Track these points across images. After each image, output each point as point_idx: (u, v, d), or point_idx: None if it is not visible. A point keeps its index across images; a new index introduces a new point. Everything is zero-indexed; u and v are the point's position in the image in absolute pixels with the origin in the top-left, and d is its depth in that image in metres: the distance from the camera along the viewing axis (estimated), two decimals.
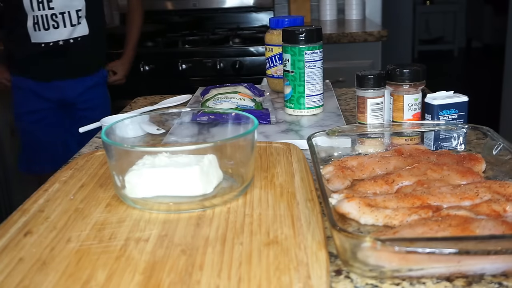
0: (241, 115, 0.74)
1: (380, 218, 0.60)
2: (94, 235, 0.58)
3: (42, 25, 1.70)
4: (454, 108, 0.83)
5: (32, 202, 0.67)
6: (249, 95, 1.09)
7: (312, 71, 1.00)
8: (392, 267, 0.49)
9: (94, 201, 0.66)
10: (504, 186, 0.64)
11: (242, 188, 0.67)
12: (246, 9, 2.68)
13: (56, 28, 1.72)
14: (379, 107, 0.87)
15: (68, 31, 1.74)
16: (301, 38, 0.98)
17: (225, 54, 2.22)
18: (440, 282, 0.50)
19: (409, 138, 0.85)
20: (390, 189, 0.68)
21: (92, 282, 0.49)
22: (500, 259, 0.49)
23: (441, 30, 6.91)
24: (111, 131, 0.70)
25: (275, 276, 0.48)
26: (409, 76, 0.83)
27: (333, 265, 0.54)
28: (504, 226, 0.53)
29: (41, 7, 1.69)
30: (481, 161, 0.74)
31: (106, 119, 1.02)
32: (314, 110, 1.03)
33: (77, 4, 1.73)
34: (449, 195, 0.62)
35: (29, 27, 1.70)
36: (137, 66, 2.21)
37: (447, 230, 0.52)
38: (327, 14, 2.71)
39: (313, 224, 0.58)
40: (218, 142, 0.67)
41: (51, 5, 1.69)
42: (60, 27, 1.72)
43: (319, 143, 0.80)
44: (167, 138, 0.90)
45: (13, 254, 0.54)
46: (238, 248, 0.53)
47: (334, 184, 0.71)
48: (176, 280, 0.49)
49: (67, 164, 0.81)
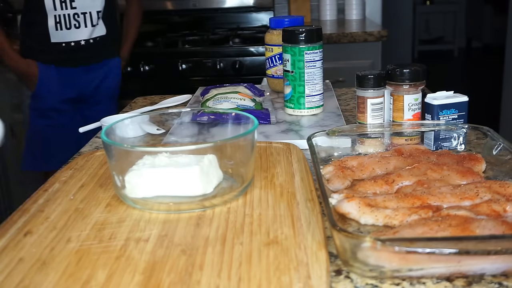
0: (241, 115, 0.74)
1: (380, 218, 0.60)
2: (94, 235, 0.58)
3: (64, 24, 1.72)
4: (454, 108, 0.83)
5: (32, 202, 0.67)
6: (249, 95, 1.09)
7: (312, 71, 1.00)
8: (392, 267, 0.49)
9: (94, 201, 0.66)
10: (504, 186, 0.64)
11: (242, 188, 0.67)
12: (246, 9, 2.68)
13: (78, 27, 1.74)
14: (379, 107, 0.87)
15: (89, 31, 1.76)
16: (301, 38, 0.98)
17: (225, 54, 2.22)
18: (440, 282, 0.50)
19: (409, 138, 0.85)
20: (390, 189, 0.68)
21: (92, 282, 0.49)
22: (500, 259, 0.49)
23: (441, 30, 6.91)
24: (111, 131, 0.70)
25: (275, 276, 0.48)
26: (409, 76, 0.83)
27: (333, 265, 0.54)
28: (504, 226, 0.53)
29: (64, 6, 1.70)
30: (481, 161, 0.74)
31: (106, 119, 1.02)
32: (314, 110, 1.03)
33: (98, 5, 1.76)
34: (449, 195, 0.62)
35: (50, 27, 1.71)
36: (137, 66, 2.21)
37: (447, 230, 0.52)
38: (327, 14, 2.71)
39: (313, 224, 0.58)
40: (218, 142, 0.67)
41: (74, 5, 1.71)
42: (81, 26, 1.74)
43: (319, 143, 0.80)
44: (167, 138, 0.90)
45: (13, 254, 0.54)
46: (238, 248, 0.53)
47: (334, 184, 0.71)
48: (176, 280, 0.49)
49: (67, 164, 0.81)
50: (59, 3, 1.69)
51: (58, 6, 1.69)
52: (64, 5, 1.70)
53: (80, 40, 1.76)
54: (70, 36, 1.75)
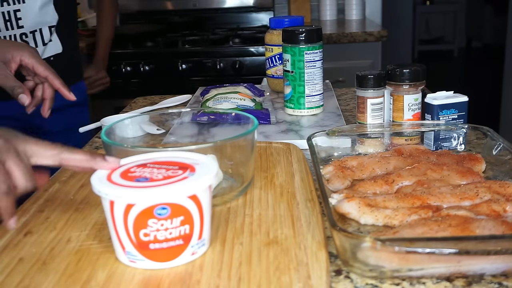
0: (241, 115, 0.74)
1: (380, 218, 0.60)
2: (94, 235, 0.58)
3: None
4: (454, 108, 0.83)
5: (32, 202, 0.67)
6: (249, 95, 1.09)
7: (312, 71, 1.00)
8: (392, 267, 0.49)
9: (94, 201, 0.66)
10: (504, 186, 0.64)
11: (242, 188, 0.67)
12: (246, 9, 2.68)
13: None
14: (379, 107, 0.87)
15: (40, 50, 1.36)
16: (301, 38, 0.98)
17: (225, 54, 2.22)
18: (440, 282, 0.50)
19: (409, 138, 0.85)
20: (390, 189, 0.68)
21: (92, 282, 0.49)
22: (500, 259, 0.49)
23: (441, 30, 6.91)
24: (111, 131, 0.70)
25: (275, 276, 0.48)
26: (409, 76, 0.83)
27: (333, 265, 0.54)
28: (504, 226, 0.53)
29: (9, 26, 1.33)
30: (481, 161, 0.74)
31: (106, 119, 1.02)
32: (314, 110, 1.03)
33: (50, 20, 1.37)
34: (449, 195, 0.62)
35: None
36: (137, 66, 2.21)
37: (447, 230, 0.52)
38: (327, 14, 2.70)
39: (313, 224, 0.58)
40: (218, 142, 0.67)
41: (21, 23, 1.34)
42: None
43: (319, 143, 0.80)
44: (167, 138, 0.90)
45: (13, 254, 0.54)
46: (238, 248, 0.53)
47: (334, 184, 0.71)
48: (176, 280, 0.49)
49: None
50: (3, 22, 1.30)
51: (3, 26, 1.31)
52: (10, 24, 1.32)
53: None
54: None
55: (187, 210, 0.50)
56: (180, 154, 0.58)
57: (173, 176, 0.52)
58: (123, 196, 0.49)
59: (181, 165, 0.55)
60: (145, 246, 0.50)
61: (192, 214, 0.50)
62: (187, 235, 0.51)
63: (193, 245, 0.51)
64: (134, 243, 0.50)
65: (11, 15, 1.31)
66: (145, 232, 0.49)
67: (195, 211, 0.51)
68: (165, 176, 0.52)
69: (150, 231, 0.49)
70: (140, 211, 0.49)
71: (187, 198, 0.50)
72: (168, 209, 0.49)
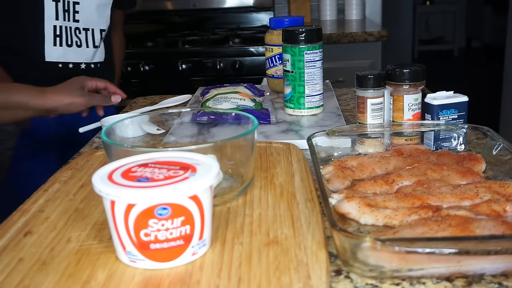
0: (241, 115, 0.74)
1: (380, 218, 0.60)
2: (94, 235, 0.58)
3: (66, 39, 1.30)
4: (454, 108, 0.83)
5: (32, 202, 0.67)
6: (249, 95, 1.09)
7: (312, 71, 1.00)
8: (392, 267, 0.49)
9: (94, 201, 0.66)
10: (504, 186, 0.64)
11: (242, 188, 0.67)
12: (246, 9, 2.68)
13: (79, 46, 1.33)
14: (379, 107, 0.87)
15: (90, 53, 1.36)
16: (301, 38, 0.98)
17: (225, 54, 2.22)
18: (440, 282, 0.50)
19: (409, 138, 0.85)
20: (390, 189, 0.68)
21: (92, 282, 0.49)
22: (500, 259, 0.49)
23: (441, 30, 6.91)
24: (111, 131, 0.70)
25: (275, 276, 0.48)
26: (409, 76, 0.83)
27: (333, 265, 0.54)
28: (504, 226, 0.53)
29: (67, 16, 1.29)
30: (481, 161, 0.74)
31: (106, 119, 1.02)
32: (314, 110, 1.03)
33: (103, 23, 1.37)
34: (449, 195, 0.62)
35: (47, 40, 1.27)
36: (137, 66, 2.21)
37: (447, 230, 0.52)
38: (327, 14, 2.70)
39: (313, 224, 0.58)
40: (218, 142, 0.67)
41: (77, 17, 1.30)
42: (83, 46, 1.33)
43: (319, 143, 0.80)
44: (167, 138, 0.90)
45: (13, 254, 0.54)
46: (238, 248, 0.53)
47: (334, 184, 0.71)
48: (176, 280, 0.49)
49: (67, 164, 0.81)
50: (62, 11, 1.27)
51: (61, 14, 1.27)
52: (67, 14, 1.28)
53: (80, 62, 1.34)
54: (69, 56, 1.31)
55: (188, 210, 0.50)
56: (181, 154, 0.58)
57: (174, 176, 0.52)
58: (124, 196, 0.49)
59: (183, 165, 0.55)
60: (145, 246, 0.50)
61: (193, 214, 0.50)
62: (188, 235, 0.51)
63: (194, 245, 0.51)
64: (135, 243, 0.50)
65: (70, 6, 1.30)
66: (146, 232, 0.49)
67: (196, 211, 0.51)
68: (166, 176, 0.52)
69: (150, 231, 0.49)
70: (141, 211, 0.49)
71: (188, 198, 0.50)
72: (169, 209, 0.49)
